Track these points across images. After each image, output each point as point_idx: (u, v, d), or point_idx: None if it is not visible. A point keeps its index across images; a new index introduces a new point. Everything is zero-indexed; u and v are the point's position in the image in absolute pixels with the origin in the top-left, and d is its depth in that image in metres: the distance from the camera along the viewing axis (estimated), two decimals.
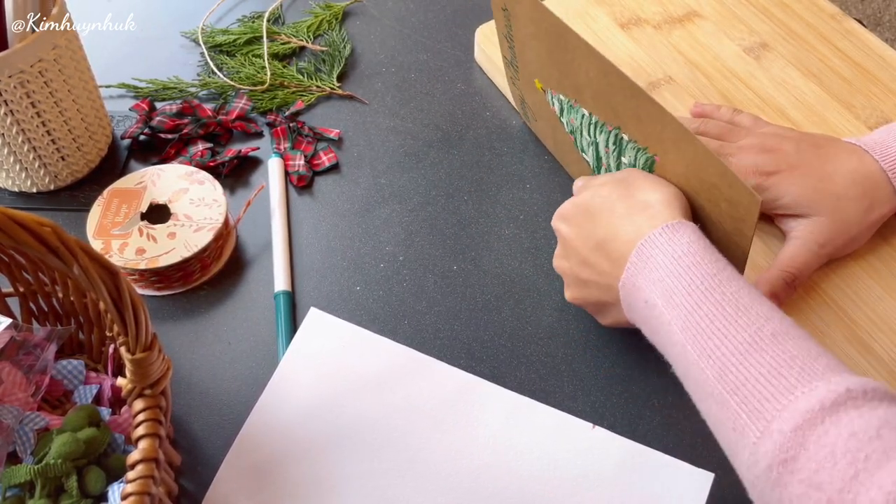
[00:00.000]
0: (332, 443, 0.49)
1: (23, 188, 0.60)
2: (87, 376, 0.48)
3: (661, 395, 0.51)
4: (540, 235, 0.59)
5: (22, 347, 0.46)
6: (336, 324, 0.54)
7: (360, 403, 0.50)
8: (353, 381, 0.51)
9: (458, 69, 0.70)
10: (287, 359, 0.52)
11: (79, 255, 0.34)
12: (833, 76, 0.65)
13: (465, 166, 0.63)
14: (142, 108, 0.65)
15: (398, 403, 0.50)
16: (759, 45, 0.68)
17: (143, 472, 0.38)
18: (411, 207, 0.61)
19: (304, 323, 0.54)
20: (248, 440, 0.49)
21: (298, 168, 0.63)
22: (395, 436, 0.49)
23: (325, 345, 0.53)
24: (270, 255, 0.58)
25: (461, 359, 0.53)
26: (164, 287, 0.56)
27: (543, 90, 0.55)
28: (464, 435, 0.49)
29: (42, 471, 0.41)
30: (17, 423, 0.44)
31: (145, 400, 0.40)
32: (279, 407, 0.50)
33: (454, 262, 0.58)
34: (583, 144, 0.54)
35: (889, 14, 1.78)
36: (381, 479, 0.47)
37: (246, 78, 0.68)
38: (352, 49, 0.72)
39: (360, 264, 0.58)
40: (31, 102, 0.54)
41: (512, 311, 0.55)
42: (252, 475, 0.47)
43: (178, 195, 0.57)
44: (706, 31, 0.69)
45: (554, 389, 0.51)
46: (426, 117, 0.67)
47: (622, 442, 0.48)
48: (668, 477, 0.47)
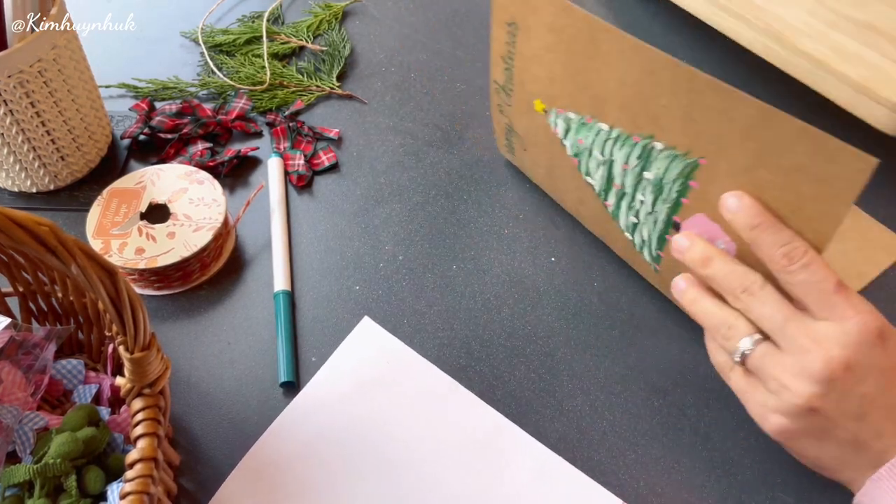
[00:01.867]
0: (354, 458, 0.48)
1: (22, 188, 0.60)
2: (87, 376, 0.49)
3: (660, 394, 0.51)
4: (539, 235, 0.59)
5: (21, 347, 0.46)
6: (385, 337, 0.53)
7: (391, 423, 0.49)
8: (388, 399, 0.50)
9: (457, 69, 0.70)
10: (329, 365, 0.52)
11: (77, 255, 0.34)
12: None
13: (465, 166, 0.63)
14: (141, 108, 0.65)
15: (429, 432, 0.49)
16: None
17: (142, 472, 0.38)
18: (411, 207, 0.61)
19: (354, 331, 0.53)
20: (270, 442, 0.49)
21: (298, 168, 0.63)
22: (419, 463, 0.48)
23: (368, 357, 0.52)
24: (270, 254, 0.58)
25: (461, 358, 0.53)
26: (164, 287, 0.56)
27: (546, 111, 0.53)
28: (489, 480, 0.47)
29: (41, 470, 0.41)
30: (16, 423, 0.44)
31: (144, 399, 0.40)
32: (309, 412, 0.50)
33: (454, 262, 0.58)
34: (589, 167, 0.53)
35: None
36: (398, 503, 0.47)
37: (246, 78, 0.68)
38: (351, 49, 0.72)
39: (360, 264, 0.58)
40: (31, 102, 0.54)
41: (512, 310, 0.55)
42: (266, 479, 0.47)
43: (177, 195, 0.57)
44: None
45: (554, 389, 0.51)
46: (426, 117, 0.67)
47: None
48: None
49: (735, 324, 0.44)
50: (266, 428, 0.49)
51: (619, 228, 0.53)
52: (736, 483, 0.48)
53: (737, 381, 0.45)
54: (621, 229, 0.53)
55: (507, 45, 0.53)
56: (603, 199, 0.53)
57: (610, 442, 0.49)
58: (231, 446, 0.49)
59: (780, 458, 0.49)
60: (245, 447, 0.49)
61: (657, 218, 0.50)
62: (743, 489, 0.47)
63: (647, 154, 0.48)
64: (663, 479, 0.48)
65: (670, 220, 0.49)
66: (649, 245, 0.52)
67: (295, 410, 0.50)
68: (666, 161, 0.47)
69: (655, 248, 0.51)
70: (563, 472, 0.48)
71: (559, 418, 0.50)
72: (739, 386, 0.45)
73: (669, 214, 0.49)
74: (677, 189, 0.48)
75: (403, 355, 0.53)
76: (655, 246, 0.51)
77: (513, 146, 0.58)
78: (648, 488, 0.47)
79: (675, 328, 0.54)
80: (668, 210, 0.49)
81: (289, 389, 0.51)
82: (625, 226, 0.52)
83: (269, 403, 0.51)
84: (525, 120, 0.56)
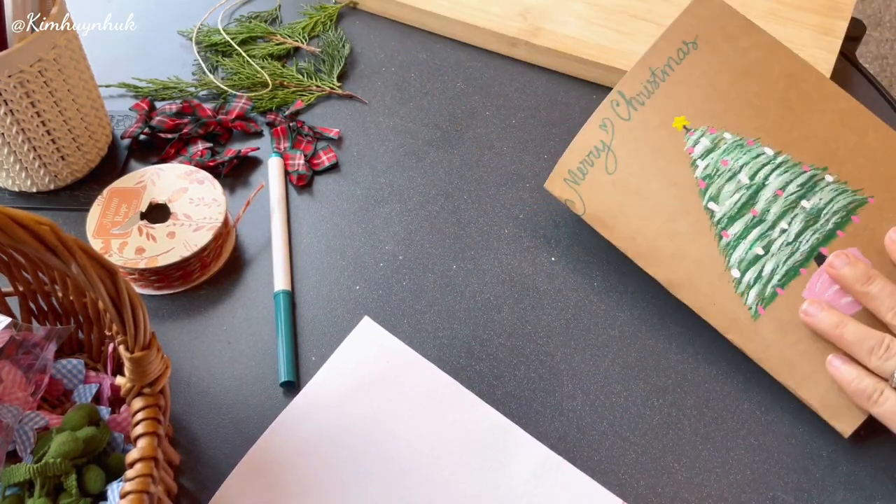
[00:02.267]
0: (354, 457, 0.48)
1: (23, 188, 0.60)
2: (87, 375, 0.49)
3: (661, 394, 0.51)
4: (539, 235, 0.59)
5: (21, 346, 0.46)
6: (385, 337, 0.53)
7: (391, 423, 0.50)
8: (388, 399, 0.50)
9: (457, 68, 0.70)
10: (329, 365, 0.52)
11: (77, 254, 0.34)
12: None
13: (465, 166, 0.63)
14: (141, 108, 0.65)
15: (429, 432, 0.49)
16: None
17: (142, 471, 0.38)
18: (411, 207, 0.61)
19: (355, 331, 0.53)
20: (270, 441, 0.49)
21: (298, 167, 0.63)
22: (419, 463, 0.48)
23: (368, 357, 0.52)
24: (270, 254, 0.58)
25: (461, 358, 0.53)
26: (164, 286, 0.56)
27: (687, 128, 0.52)
28: (489, 480, 0.48)
29: (41, 470, 0.41)
30: (16, 423, 0.44)
31: (144, 399, 0.40)
32: (309, 412, 0.50)
33: (454, 262, 0.58)
34: (722, 191, 0.51)
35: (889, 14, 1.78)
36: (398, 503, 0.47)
37: (246, 78, 0.68)
38: (351, 49, 0.72)
39: (360, 263, 0.58)
40: (31, 102, 0.54)
41: (511, 310, 0.55)
42: (266, 478, 0.47)
43: (177, 195, 0.57)
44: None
45: (553, 389, 0.51)
46: (426, 116, 0.67)
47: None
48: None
49: (892, 344, 0.45)
50: (266, 427, 0.49)
51: (722, 266, 0.50)
52: (736, 483, 0.48)
53: (893, 402, 0.45)
54: (726, 266, 0.50)
55: (670, 60, 0.53)
56: (721, 228, 0.51)
57: (610, 442, 0.49)
58: (231, 446, 0.49)
59: (780, 457, 0.49)
60: (245, 446, 0.49)
61: (798, 248, 0.50)
62: (743, 489, 0.47)
63: (812, 184, 0.50)
64: (663, 479, 0.48)
65: (815, 251, 0.49)
66: (767, 281, 0.50)
67: (295, 410, 0.50)
68: (832, 193, 0.49)
69: (776, 283, 0.50)
70: (563, 471, 0.48)
71: (559, 418, 0.50)
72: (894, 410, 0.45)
73: (816, 245, 0.49)
74: (836, 221, 0.49)
75: (403, 355, 0.53)
76: (778, 280, 0.50)
77: (584, 170, 0.54)
78: (648, 488, 0.47)
79: (675, 328, 0.54)
80: (818, 241, 0.49)
81: (289, 389, 0.51)
82: (739, 259, 0.50)
83: (269, 403, 0.51)
84: (642, 135, 0.53)
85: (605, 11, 0.71)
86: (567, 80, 0.70)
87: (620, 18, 0.71)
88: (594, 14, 0.71)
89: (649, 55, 0.54)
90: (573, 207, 0.54)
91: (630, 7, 0.72)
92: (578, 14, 0.71)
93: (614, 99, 0.54)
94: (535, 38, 0.69)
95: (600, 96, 0.68)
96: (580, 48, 0.68)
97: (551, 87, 0.69)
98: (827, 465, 0.48)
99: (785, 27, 0.70)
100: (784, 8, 0.71)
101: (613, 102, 0.54)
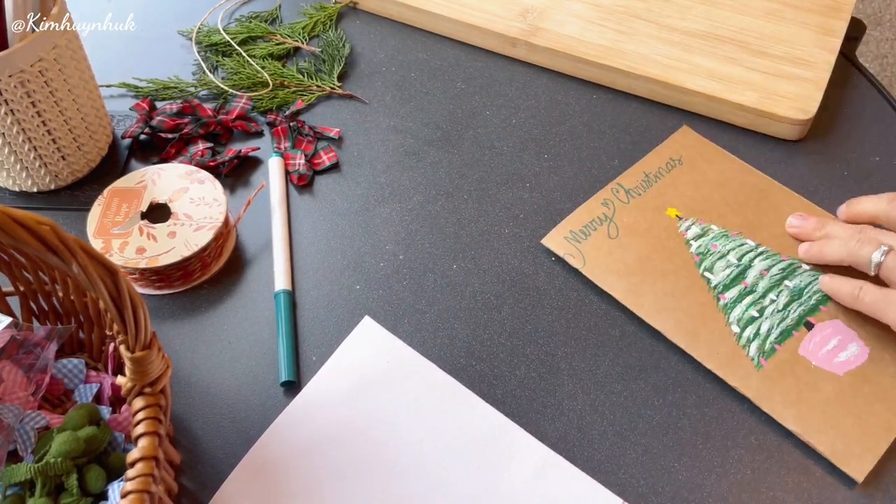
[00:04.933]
0: (354, 457, 0.48)
1: (23, 188, 0.60)
2: (88, 375, 0.49)
3: (661, 394, 0.51)
4: (539, 234, 0.59)
5: (22, 346, 0.46)
6: (385, 337, 0.53)
7: (391, 422, 0.50)
8: (388, 399, 0.50)
9: (457, 68, 0.70)
10: (329, 364, 0.52)
11: (78, 254, 0.34)
12: None
13: (465, 166, 0.63)
14: (142, 108, 0.65)
15: (430, 432, 0.49)
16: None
17: (143, 471, 0.38)
18: (411, 206, 0.61)
19: (355, 331, 0.53)
20: (271, 441, 0.49)
21: (299, 167, 0.63)
22: (420, 463, 0.48)
23: (368, 356, 0.52)
24: (270, 254, 0.58)
25: (461, 358, 0.53)
26: (165, 286, 0.56)
27: (679, 217, 0.58)
28: (489, 479, 0.48)
29: (42, 469, 0.41)
30: (17, 422, 0.44)
31: (145, 398, 0.40)
32: (309, 411, 0.50)
33: (454, 262, 0.58)
34: (715, 266, 0.56)
35: (889, 14, 1.78)
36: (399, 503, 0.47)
37: (246, 78, 0.68)
38: (351, 48, 0.72)
39: (360, 263, 0.58)
40: (32, 102, 0.54)
41: (512, 310, 0.55)
42: (266, 478, 0.47)
43: (178, 194, 0.57)
44: None
45: (554, 388, 0.51)
46: (426, 116, 0.67)
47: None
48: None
49: (866, 231, 0.52)
50: (267, 427, 0.49)
51: (722, 321, 0.53)
52: (736, 483, 0.48)
53: (871, 296, 0.50)
54: (726, 322, 0.53)
55: (660, 169, 0.62)
56: (718, 292, 0.54)
57: (610, 441, 0.49)
58: (232, 445, 0.49)
59: (781, 457, 0.49)
60: (246, 446, 0.49)
61: (788, 315, 0.53)
62: (743, 489, 0.48)
63: (791, 269, 0.55)
64: (663, 478, 0.48)
65: (803, 320, 0.53)
66: (765, 338, 0.52)
67: (295, 410, 0.50)
68: (810, 278, 0.55)
69: (774, 340, 0.52)
70: (563, 471, 0.48)
71: (559, 418, 0.50)
72: (875, 298, 0.50)
73: (804, 315, 0.53)
74: (818, 298, 0.54)
75: (404, 355, 0.53)
76: (775, 338, 0.52)
77: (587, 232, 0.57)
78: (648, 488, 0.47)
79: None
80: (804, 311, 0.54)
81: (289, 389, 0.51)
82: (737, 318, 0.53)
83: (269, 403, 0.51)
84: (640, 215, 0.59)
85: (605, 11, 0.71)
86: (567, 80, 0.70)
87: (620, 18, 0.71)
88: (594, 14, 0.71)
89: (643, 163, 0.62)
90: (571, 261, 0.57)
91: (630, 7, 0.72)
92: (578, 14, 0.71)
93: (614, 187, 0.61)
94: (535, 38, 0.69)
95: (600, 96, 0.68)
96: (580, 48, 0.68)
97: (551, 87, 0.69)
98: (827, 465, 0.48)
99: (785, 27, 0.70)
100: (784, 8, 0.71)
101: (613, 189, 0.60)
